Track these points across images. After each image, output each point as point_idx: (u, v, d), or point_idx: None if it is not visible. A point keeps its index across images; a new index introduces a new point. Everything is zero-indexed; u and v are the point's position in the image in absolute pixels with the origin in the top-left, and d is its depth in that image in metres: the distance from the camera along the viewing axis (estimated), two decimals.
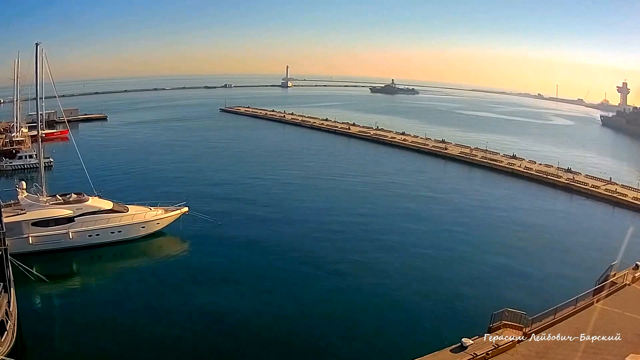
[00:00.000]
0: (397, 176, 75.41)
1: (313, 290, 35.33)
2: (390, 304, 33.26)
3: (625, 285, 29.20)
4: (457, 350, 22.40)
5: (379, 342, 28.52)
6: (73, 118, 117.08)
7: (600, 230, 53.29)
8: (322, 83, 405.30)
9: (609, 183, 70.07)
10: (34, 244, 38.57)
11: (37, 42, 42.89)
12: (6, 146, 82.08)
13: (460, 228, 50.39)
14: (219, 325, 30.16)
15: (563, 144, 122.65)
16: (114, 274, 38.83)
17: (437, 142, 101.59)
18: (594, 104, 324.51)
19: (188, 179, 68.33)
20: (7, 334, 24.11)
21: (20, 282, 30.64)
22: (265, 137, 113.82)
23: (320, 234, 46.73)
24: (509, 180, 76.40)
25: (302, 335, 29.49)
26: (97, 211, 41.52)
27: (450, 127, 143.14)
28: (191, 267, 39.28)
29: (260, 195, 60.95)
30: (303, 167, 79.85)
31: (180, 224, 45.30)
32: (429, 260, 41.20)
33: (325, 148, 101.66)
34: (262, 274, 37.74)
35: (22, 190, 41.27)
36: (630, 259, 32.98)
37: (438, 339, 24.85)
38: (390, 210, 56.43)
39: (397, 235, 47.07)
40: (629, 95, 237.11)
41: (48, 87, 51.77)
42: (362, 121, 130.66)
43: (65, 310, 32.12)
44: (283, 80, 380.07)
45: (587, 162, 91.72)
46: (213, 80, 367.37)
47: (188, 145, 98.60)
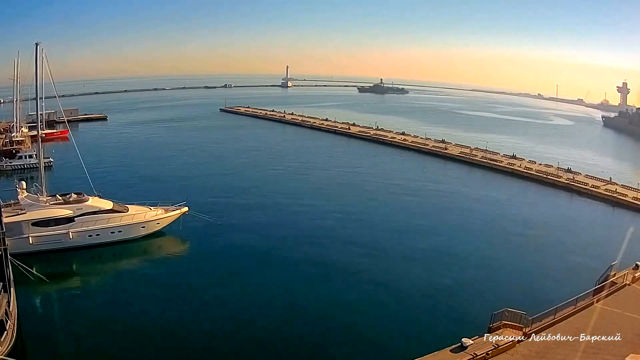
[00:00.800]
0: (397, 176, 75.44)
1: (313, 290, 35.32)
2: (390, 304, 33.26)
3: (625, 285, 29.21)
4: (457, 350, 22.40)
5: (379, 342, 28.49)
6: (73, 118, 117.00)
7: (600, 230, 53.31)
8: (322, 83, 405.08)
9: (609, 183, 70.05)
10: (34, 244, 38.56)
11: (37, 42, 43.09)
12: (6, 146, 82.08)
13: (460, 228, 50.45)
14: (219, 325, 30.19)
15: (564, 145, 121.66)
16: (114, 274, 38.86)
17: (437, 142, 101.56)
18: (594, 104, 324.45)
19: (188, 178, 68.36)
20: (7, 333, 24.09)
21: (20, 282, 30.61)
22: (265, 137, 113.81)
23: (320, 234, 46.72)
24: (509, 180, 76.41)
25: (302, 335, 29.49)
26: (97, 211, 41.53)
27: (443, 126, 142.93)
28: (191, 267, 39.32)
29: (260, 194, 60.92)
30: (303, 167, 79.85)
31: (180, 224, 45.33)
32: (429, 260, 41.19)
33: (325, 148, 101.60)
34: (262, 274, 37.75)
35: (22, 190, 41.33)
36: (630, 259, 32.98)
37: (438, 339, 24.80)
38: (390, 210, 56.39)
39: (396, 235, 47.04)
40: (629, 95, 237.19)
41: (48, 87, 51.88)
42: (362, 121, 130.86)
43: (65, 310, 32.11)
44: (283, 80, 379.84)
45: (590, 164, 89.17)
46: (213, 80, 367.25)
47: (188, 145, 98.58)
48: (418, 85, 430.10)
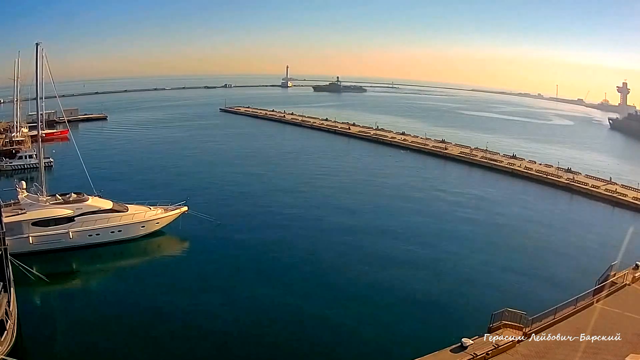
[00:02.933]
0: (396, 176, 75.43)
1: (313, 290, 35.27)
2: (390, 304, 33.22)
3: (625, 285, 29.22)
4: (457, 350, 22.40)
5: (379, 342, 28.49)
6: (73, 118, 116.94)
7: (600, 230, 53.22)
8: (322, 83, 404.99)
9: (609, 183, 70.04)
10: (34, 244, 38.55)
11: (37, 42, 43.01)
12: (6, 146, 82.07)
13: (460, 228, 50.41)
14: (219, 325, 30.14)
15: (573, 148, 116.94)
16: (114, 274, 38.90)
17: (437, 142, 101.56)
18: (593, 104, 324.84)
19: (188, 178, 68.36)
20: (7, 333, 24.08)
21: (20, 282, 30.61)
22: (265, 137, 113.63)
23: (320, 234, 46.72)
24: (509, 180, 76.39)
25: (302, 335, 29.48)
26: (97, 211, 41.53)
27: (415, 120, 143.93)
28: (191, 266, 39.31)
29: (259, 194, 60.95)
30: (303, 167, 79.85)
31: (179, 223, 45.31)
32: (429, 260, 41.12)
33: (325, 148, 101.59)
34: (262, 273, 37.77)
35: (22, 190, 41.28)
36: (630, 259, 33.02)
37: (438, 339, 24.79)
38: (390, 210, 56.36)
39: (395, 235, 47.02)
40: (629, 95, 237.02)
41: (48, 87, 51.90)
42: (362, 121, 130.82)
43: (65, 310, 32.07)
44: (283, 80, 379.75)
45: (615, 172, 78.69)
46: (213, 80, 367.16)
47: (188, 145, 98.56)
48: (419, 85, 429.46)
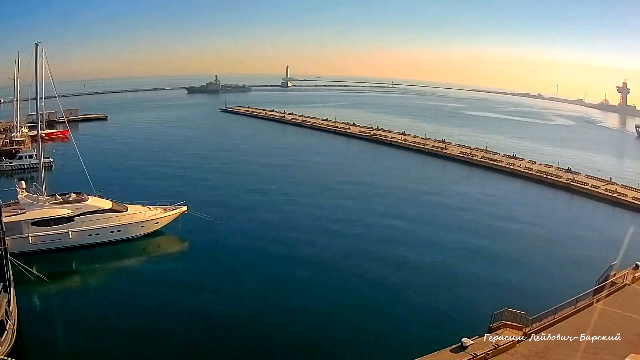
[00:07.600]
0: (396, 176, 75.41)
1: (313, 290, 35.28)
2: (390, 304, 33.26)
3: (625, 285, 29.19)
4: (457, 350, 22.37)
5: (379, 342, 28.48)
6: (73, 118, 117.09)
7: (600, 230, 53.20)
8: (322, 83, 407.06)
9: (609, 183, 70.03)
10: (33, 244, 38.54)
11: (37, 42, 43.18)
12: (6, 146, 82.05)
13: (460, 227, 50.39)
14: (219, 325, 30.13)
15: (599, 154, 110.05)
16: (114, 274, 38.86)
17: (437, 142, 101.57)
18: (593, 104, 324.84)
19: (187, 178, 68.31)
20: (7, 333, 24.07)
21: (20, 282, 30.62)
22: (265, 137, 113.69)
23: (320, 234, 46.67)
24: (509, 180, 76.37)
25: (302, 335, 29.47)
26: (96, 211, 41.52)
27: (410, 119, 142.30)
28: (190, 266, 39.30)
29: (259, 194, 60.91)
30: (303, 167, 79.88)
31: (179, 223, 45.28)
32: (429, 260, 41.10)
33: (325, 148, 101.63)
34: (262, 273, 37.76)
35: (21, 190, 41.30)
36: (630, 259, 32.98)
37: (438, 339, 24.75)
38: (390, 211, 56.28)
39: (396, 235, 47.00)
40: (629, 95, 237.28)
41: (48, 87, 51.98)
42: (363, 121, 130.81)
43: (65, 310, 32.02)
44: (283, 80, 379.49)
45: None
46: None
47: (187, 145, 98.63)
48: (418, 85, 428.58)
